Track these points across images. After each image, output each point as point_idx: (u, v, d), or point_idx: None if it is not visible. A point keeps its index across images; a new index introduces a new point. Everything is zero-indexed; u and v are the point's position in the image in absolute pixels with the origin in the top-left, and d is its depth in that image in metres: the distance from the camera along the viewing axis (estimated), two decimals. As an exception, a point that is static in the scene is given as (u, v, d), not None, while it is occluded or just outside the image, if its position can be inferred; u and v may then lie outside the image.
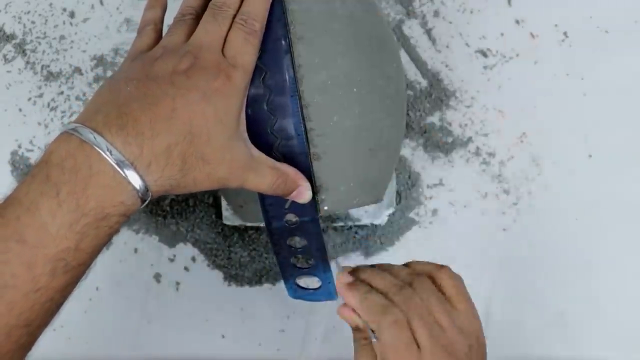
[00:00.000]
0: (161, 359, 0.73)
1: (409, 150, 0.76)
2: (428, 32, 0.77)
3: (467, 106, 0.76)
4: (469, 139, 0.76)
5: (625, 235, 0.74)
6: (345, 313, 0.54)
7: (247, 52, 0.50)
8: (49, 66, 0.77)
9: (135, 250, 0.75)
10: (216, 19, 0.50)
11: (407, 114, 0.70)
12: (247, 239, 0.75)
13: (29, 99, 0.76)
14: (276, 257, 0.59)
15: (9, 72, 0.77)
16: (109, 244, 0.72)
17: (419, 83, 0.77)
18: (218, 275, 0.75)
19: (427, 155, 0.76)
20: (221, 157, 0.48)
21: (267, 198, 0.55)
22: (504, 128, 0.76)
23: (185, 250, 0.75)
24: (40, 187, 0.45)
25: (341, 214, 0.73)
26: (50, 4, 0.77)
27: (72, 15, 0.77)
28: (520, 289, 0.74)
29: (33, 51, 0.77)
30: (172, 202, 0.75)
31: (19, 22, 0.77)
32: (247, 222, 0.72)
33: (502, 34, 0.77)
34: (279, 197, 0.53)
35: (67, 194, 0.44)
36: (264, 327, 0.74)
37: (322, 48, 0.53)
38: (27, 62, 0.77)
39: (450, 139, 0.76)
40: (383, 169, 0.59)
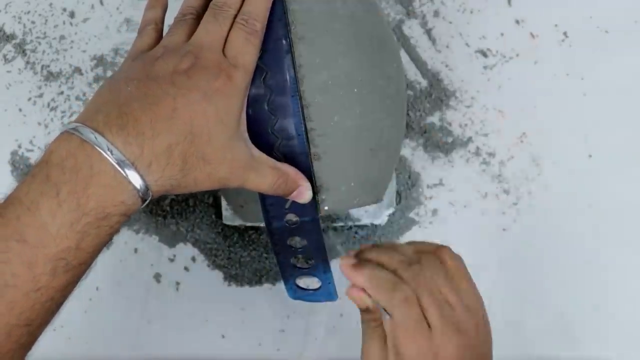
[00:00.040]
0: (161, 359, 0.73)
1: (409, 150, 0.76)
2: (428, 32, 0.77)
3: (467, 106, 0.76)
4: (469, 139, 0.76)
5: (625, 235, 0.74)
6: (354, 293, 0.52)
7: (248, 52, 0.50)
8: (49, 66, 0.77)
9: (135, 250, 0.75)
10: (217, 19, 0.50)
11: (407, 114, 0.70)
12: (247, 239, 0.75)
13: (29, 99, 0.76)
14: (276, 257, 0.59)
15: (9, 72, 0.77)
16: (109, 244, 0.72)
17: (419, 83, 0.77)
18: (218, 275, 0.75)
19: (427, 155, 0.76)
20: (222, 157, 0.48)
21: (267, 198, 0.55)
22: (504, 128, 0.76)
23: (185, 250, 0.75)
24: (41, 186, 0.45)
25: (341, 214, 0.73)
26: (50, 4, 0.77)
27: (72, 15, 0.77)
28: (520, 289, 0.74)
29: (33, 51, 0.77)
30: (172, 202, 0.75)
31: (19, 22, 0.77)
32: (247, 222, 0.72)
33: (502, 34, 0.77)
34: (279, 197, 0.53)
35: (67, 193, 0.44)
36: (264, 327, 0.74)
37: (323, 48, 0.52)
38: (27, 62, 0.77)
39: (450, 139, 0.76)
40: (383, 169, 0.59)
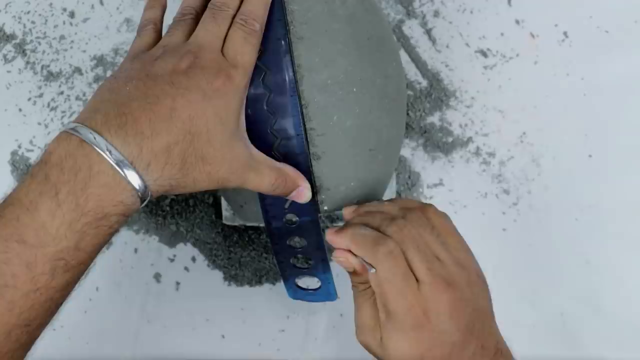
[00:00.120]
0: (161, 359, 0.73)
1: (409, 150, 0.76)
2: (428, 32, 0.77)
3: (467, 106, 0.76)
4: (469, 139, 0.76)
5: (625, 235, 0.74)
6: (339, 254, 0.52)
7: (246, 52, 0.50)
8: (49, 66, 0.77)
9: (135, 250, 0.75)
10: (216, 19, 0.50)
11: (407, 114, 0.70)
12: (247, 239, 0.74)
13: (29, 99, 0.76)
14: (276, 257, 0.59)
15: (9, 72, 0.77)
16: (109, 244, 0.72)
17: (419, 83, 0.77)
18: (218, 275, 0.75)
19: (427, 155, 0.76)
20: (221, 157, 0.48)
21: (267, 198, 0.55)
22: (504, 128, 0.76)
23: (185, 250, 0.75)
24: (40, 187, 0.45)
25: (341, 214, 0.73)
26: (50, 4, 0.78)
27: (72, 15, 0.77)
28: (520, 288, 0.74)
29: (33, 51, 0.77)
30: (172, 202, 0.75)
31: (19, 22, 0.77)
32: (247, 222, 0.72)
33: (502, 34, 0.77)
34: (278, 197, 0.53)
35: (66, 193, 0.44)
36: (264, 327, 0.74)
37: (322, 48, 0.52)
38: (27, 62, 0.77)
39: (450, 139, 0.76)
40: (383, 169, 0.59)
